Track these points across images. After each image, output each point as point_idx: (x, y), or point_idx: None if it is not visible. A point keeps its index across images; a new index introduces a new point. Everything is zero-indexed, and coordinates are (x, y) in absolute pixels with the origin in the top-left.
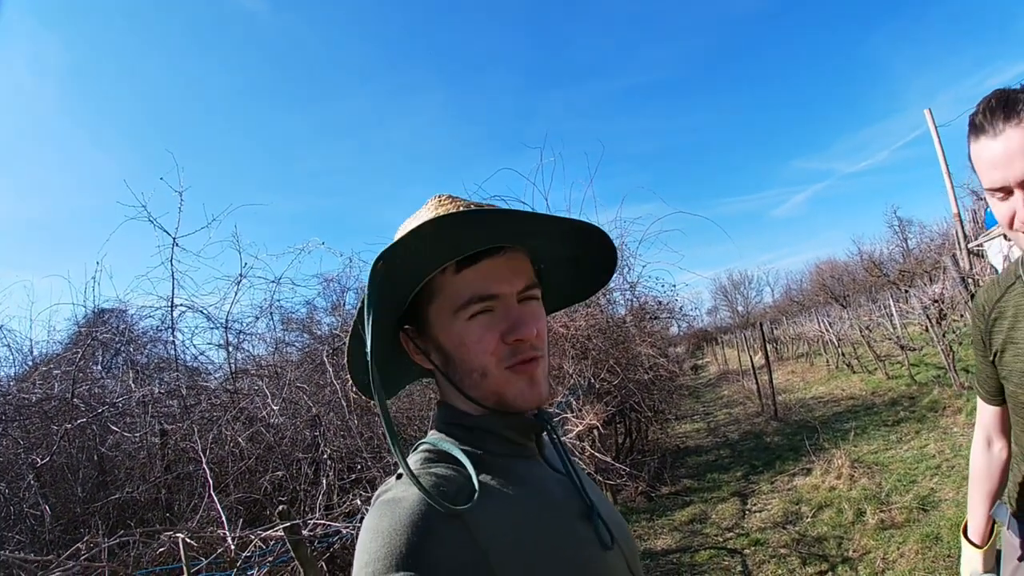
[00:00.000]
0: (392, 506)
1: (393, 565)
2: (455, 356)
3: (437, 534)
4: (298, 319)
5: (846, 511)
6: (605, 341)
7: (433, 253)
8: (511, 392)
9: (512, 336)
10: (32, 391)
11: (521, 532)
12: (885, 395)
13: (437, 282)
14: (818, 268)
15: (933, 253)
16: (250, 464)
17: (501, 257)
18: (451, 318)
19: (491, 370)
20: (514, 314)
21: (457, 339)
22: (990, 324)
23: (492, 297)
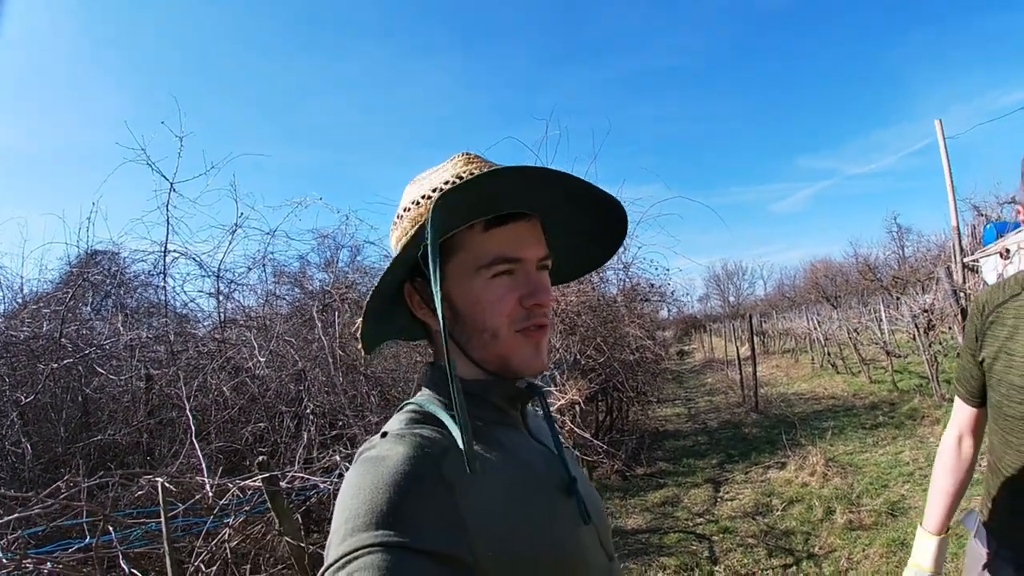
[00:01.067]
0: (376, 463)
1: (373, 523)
2: (467, 314)
3: (419, 494)
4: (290, 273)
5: (816, 508)
6: (594, 319)
7: (469, 207)
8: (517, 356)
9: (531, 300)
10: (20, 329)
11: (501, 500)
12: (866, 398)
13: (461, 237)
14: (813, 266)
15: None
16: (233, 414)
17: (527, 223)
18: (472, 275)
19: (502, 332)
20: (534, 279)
21: (474, 297)
22: (986, 325)
23: (517, 260)
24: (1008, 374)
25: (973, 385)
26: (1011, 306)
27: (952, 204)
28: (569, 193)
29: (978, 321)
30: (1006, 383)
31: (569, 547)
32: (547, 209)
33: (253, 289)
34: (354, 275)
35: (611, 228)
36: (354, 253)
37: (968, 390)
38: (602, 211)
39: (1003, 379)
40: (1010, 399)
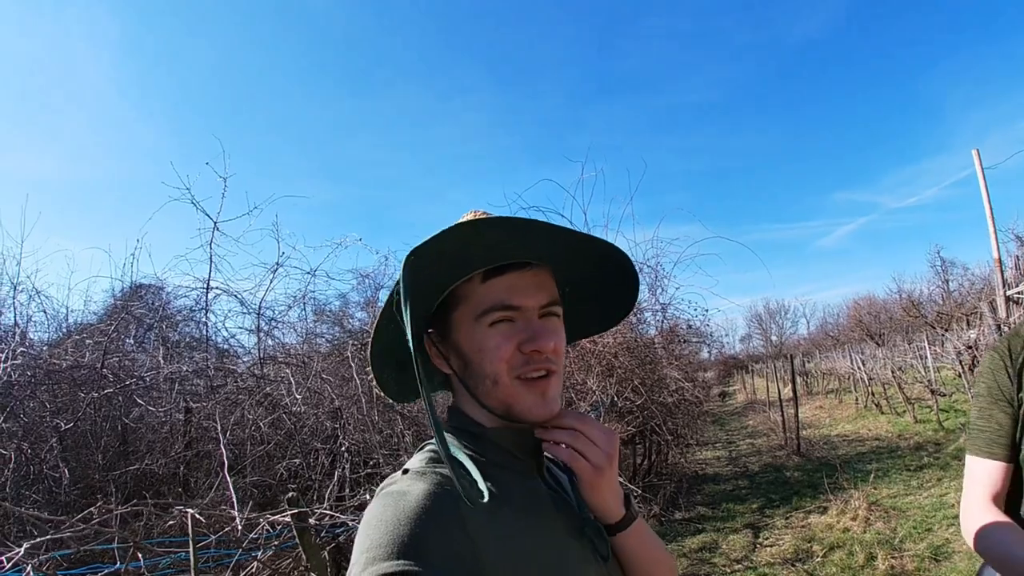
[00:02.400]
0: (397, 498)
1: (393, 553)
2: (472, 361)
3: (437, 529)
4: (330, 312)
5: (857, 554)
6: (632, 360)
7: (462, 260)
8: (519, 404)
9: (529, 346)
10: (64, 358)
11: (513, 540)
12: (911, 439)
13: (463, 290)
14: (856, 303)
15: (973, 297)
16: (269, 449)
17: (527, 272)
18: (473, 323)
19: (502, 378)
20: (534, 326)
21: (476, 344)
22: (1019, 368)
23: (514, 308)
24: None
25: (1004, 437)
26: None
27: (993, 236)
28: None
29: (1010, 365)
30: None
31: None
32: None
33: (293, 327)
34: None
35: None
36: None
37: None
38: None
39: None
40: None
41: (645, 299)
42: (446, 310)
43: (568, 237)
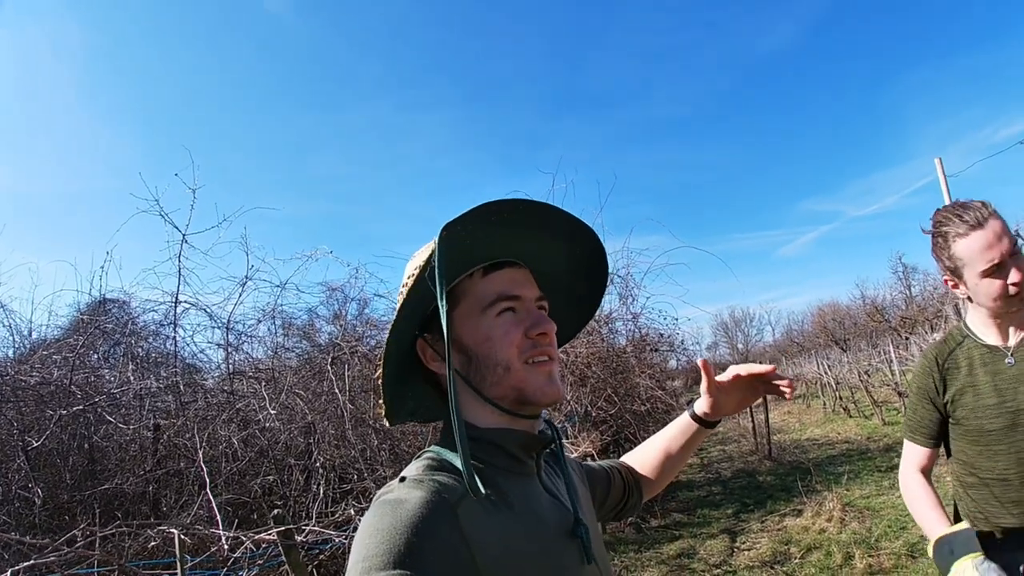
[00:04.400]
0: (394, 506)
1: (390, 562)
2: (479, 352)
3: (434, 537)
4: (299, 325)
5: (835, 554)
6: (604, 370)
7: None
8: (531, 386)
9: (535, 330)
10: (30, 374)
11: (510, 546)
12: (880, 440)
13: (463, 286)
14: (820, 310)
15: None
16: (242, 466)
17: (520, 270)
18: (479, 316)
19: (514, 363)
20: (535, 313)
21: (484, 335)
22: (943, 375)
23: (516, 297)
24: (979, 399)
25: (933, 429)
26: (959, 352)
27: None
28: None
29: (936, 374)
30: (980, 407)
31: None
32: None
33: (262, 341)
34: (363, 328)
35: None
36: (363, 306)
37: (927, 434)
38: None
39: (977, 405)
40: (988, 417)
41: (616, 308)
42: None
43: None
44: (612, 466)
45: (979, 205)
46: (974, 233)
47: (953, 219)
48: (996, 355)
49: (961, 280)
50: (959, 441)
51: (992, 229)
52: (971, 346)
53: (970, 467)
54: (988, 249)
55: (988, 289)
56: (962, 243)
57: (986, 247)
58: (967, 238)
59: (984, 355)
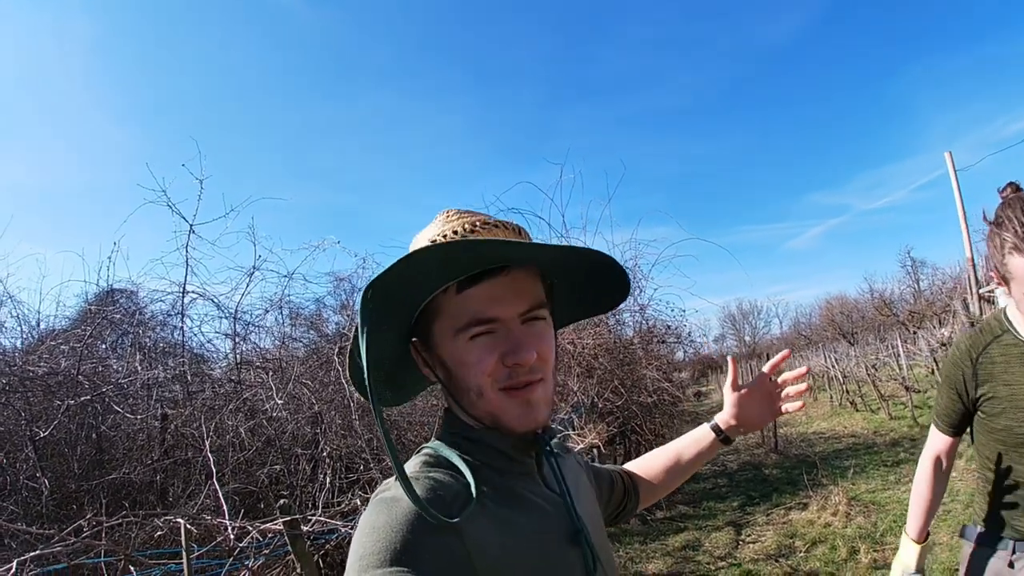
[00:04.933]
0: (390, 504)
1: (387, 560)
2: (455, 374)
3: (431, 536)
4: (307, 315)
5: (840, 548)
6: (611, 361)
7: (430, 275)
8: (506, 415)
9: (512, 359)
10: (38, 364)
11: (508, 547)
12: (887, 435)
13: (439, 301)
14: (828, 303)
15: (944, 296)
16: (249, 456)
17: (504, 277)
18: (452, 338)
19: (486, 391)
20: (515, 337)
21: (457, 359)
22: (975, 368)
23: (492, 320)
24: (1014, 401)
25: (955, 419)
26: (995, 346)
27: (966, 236)
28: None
29: (968, 366)
30: (1013, 408)
31: None
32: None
33: (270, 331)
34: None
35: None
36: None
37: (950, 423)
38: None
39: (1010, 406)
40: (1020, 420)
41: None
42: (428, 320)
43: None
44: (613, 470)
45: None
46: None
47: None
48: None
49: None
50: (983, 436)
51: None
52: (1010, 342)
53: (994, 464)
54: None
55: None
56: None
57: None
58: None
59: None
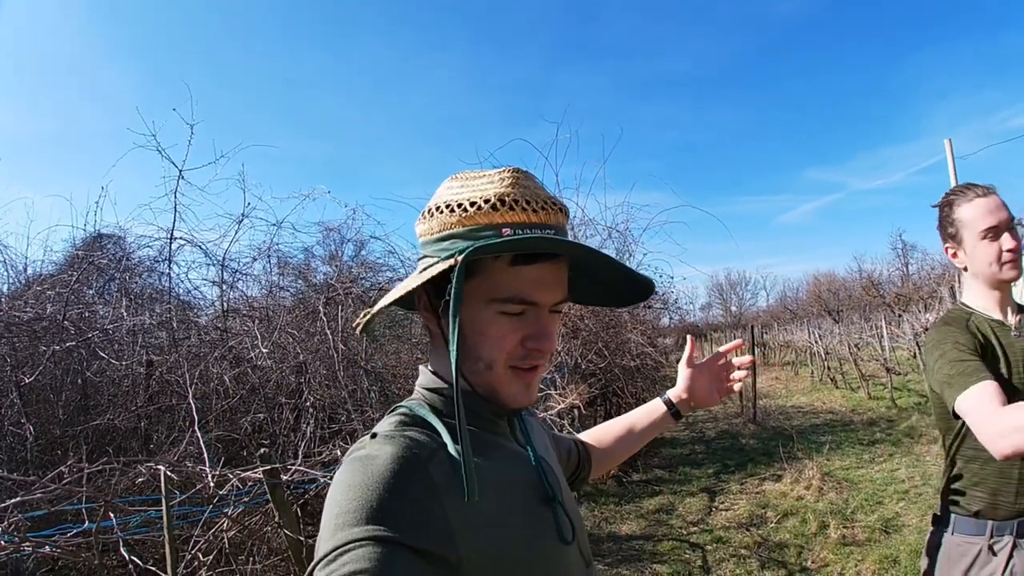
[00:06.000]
0: (365, 462)
1: (363, 518)
2: (468, 339)
3: (407, 493)
4: (295, 265)
5: (810, 522)
6: (596, 323)
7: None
8: (506, 391)
9: (533, 343)
10: (24, 309)
11: (484, 504)
12: (864, 414)
13: (485, 264)
14: (816, 279)
15: (932, 282)
16: (233, 403)
17: (554, 264)
18: (484, 305)
19: (497, 366)
20: (543, 324)
21: (479, 327)
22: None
23: (531, 304)
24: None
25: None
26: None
27: None
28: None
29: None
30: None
31: (549, 556)
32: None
33: (257, 279)
34: (358, 270)
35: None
36: (359, 248)
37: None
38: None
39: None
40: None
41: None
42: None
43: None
44: (570, 439)
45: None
46: (978, 199)
47: (960, 191)
48: (1004, 329)
49: (960, 246)
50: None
51: (994, 199)
52: (980, 319)
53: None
54: (989, 214)
55: (984, 252)
56: (966, 206)
57: (987, 211)
58: (971, 203)
59: (995, 327)
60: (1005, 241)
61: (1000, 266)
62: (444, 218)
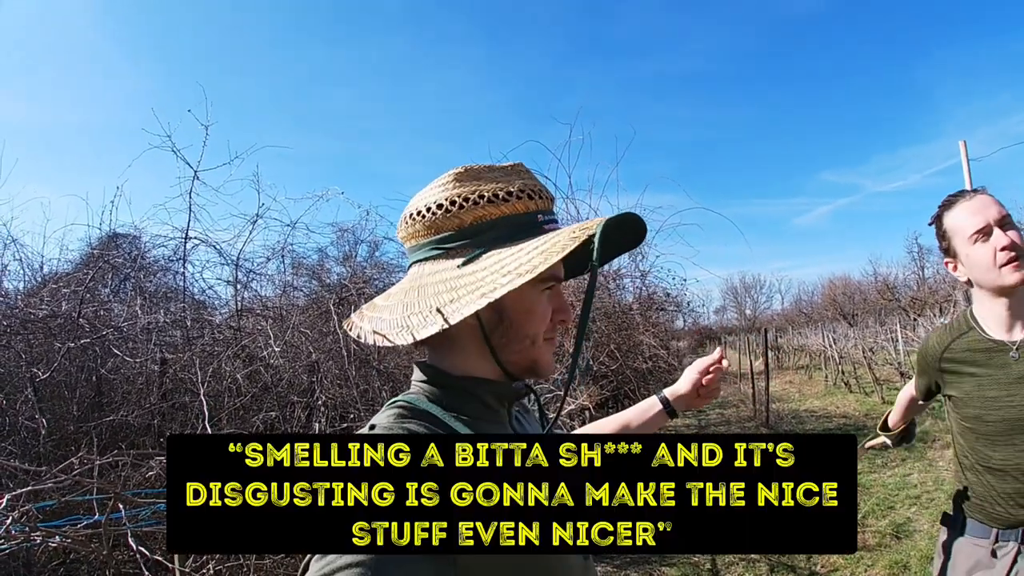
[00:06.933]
0: None
1: None
2: (515, 320)
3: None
4: (308, 265)
5: None
6: (609, 325)
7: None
8: (544, 361)
9: (561, 316)
10: (39, 307)
11: None
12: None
13: None
14: (831, 283)
15: (947, 286)
16: (245, 401)
17: None
18: (531, 287)
19: (538, 340)
20: (562, 297)
21: (527, 306)
22: (940, 365)
23: (559, 279)
24: (981, 391)
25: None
26: (960, 342)
27: None
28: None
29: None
30: (980, 398)
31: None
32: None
33: (271, 279)
34: (372, 270)
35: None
36: (372, 248)
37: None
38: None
39: (978, 395)
40: (988, 409)
41: (625, 265)
42: None
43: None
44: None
45: (975, 189)
46: (961, 203)
47: (947, 200)
48: (1001, 349)
49: (956, 258)
50: (957, 426)
51: (980, 199)
52: (975, 338)
53: (968, 450)
54: (974, 215)
55: (979, 257)
56: (950, 214)
57: (973, 212)
58: (954, 208)
59: (989, 348)
60: (998, 239)
61: (999, 269)
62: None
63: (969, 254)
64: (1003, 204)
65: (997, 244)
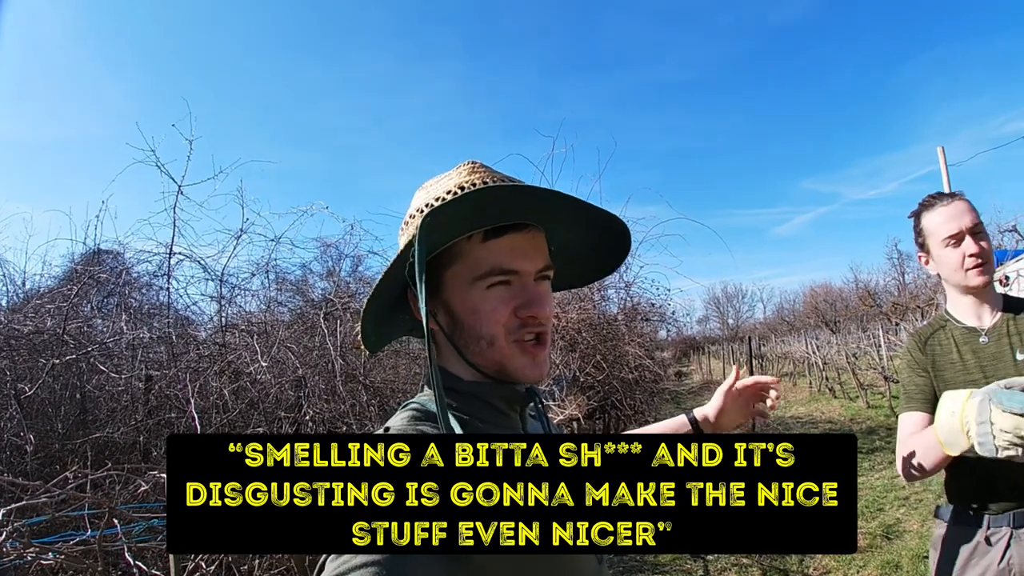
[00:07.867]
0: None
1: None
2: (465, 322)
3: None
4: (293, 280)
5: None
6: (594, 336)
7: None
8: (512, 365)
9: (526, 312)
10: (23, 323)
11: None
12: (863, 423)
13: (459, 247)
14: (812, 290)
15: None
16: (232, 418)
17: (526, 234)
18: (469, 285)
19: (498, 340)
20: (531, 291)
21: (471, 306)
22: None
23: (513, 272)
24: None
25: (929, 394)
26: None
27: None
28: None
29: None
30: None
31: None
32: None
33: (255, 295)
34: (356, 285)
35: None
36: (356, 263)
37: (925, 399)
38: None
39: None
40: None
41: (610, 277)
42: (437, 266)
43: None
44: None
45: (951, 192)
46: (939, 207)
47: (927, 201)
48: (973, 335)
49: (929, 254)
50: None
51: (956, 205)
52: (952, 327)
53: None
54: (949, 221)
55: (948, 259)
56: (928, 215)
57: (948, 218)
58: (933, 211)
59: (964, 335)
60: (967, 246)
61: (965, 272)
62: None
63: (941, 255)
64: (977, 211)
65: (967, 251)
